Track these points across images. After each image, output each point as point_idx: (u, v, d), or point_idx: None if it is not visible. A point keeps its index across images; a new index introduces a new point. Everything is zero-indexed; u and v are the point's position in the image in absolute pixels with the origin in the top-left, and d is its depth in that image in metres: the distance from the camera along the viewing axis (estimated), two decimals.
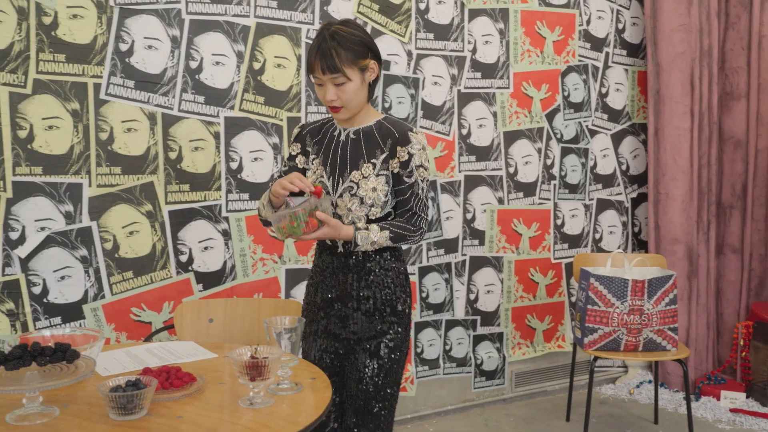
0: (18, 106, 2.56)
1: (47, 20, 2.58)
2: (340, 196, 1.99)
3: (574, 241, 3.78)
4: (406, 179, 1.97)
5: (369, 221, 1.98)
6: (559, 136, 3.68)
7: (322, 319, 2.07)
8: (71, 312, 2.70)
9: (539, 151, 3.63)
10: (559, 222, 3.73)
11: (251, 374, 1.54)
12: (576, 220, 3.78)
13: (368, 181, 1.97)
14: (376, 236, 1.93)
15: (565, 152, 3.71)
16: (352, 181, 1.98)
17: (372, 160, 1.99)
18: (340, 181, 2.00)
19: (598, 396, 3.78)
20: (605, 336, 2.94)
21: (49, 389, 1.50)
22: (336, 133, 2.07)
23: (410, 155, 1.96)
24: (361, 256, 1.99)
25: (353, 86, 1.94)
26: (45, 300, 2.65)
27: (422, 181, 1.99)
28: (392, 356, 2.01)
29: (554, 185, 3.69)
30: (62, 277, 2.67)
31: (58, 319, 2.67)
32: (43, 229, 2.62)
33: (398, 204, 2.01)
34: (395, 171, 1.97)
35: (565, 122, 3.69)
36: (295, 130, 2.14)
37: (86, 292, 2.71)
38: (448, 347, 3.51)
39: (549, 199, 3.69)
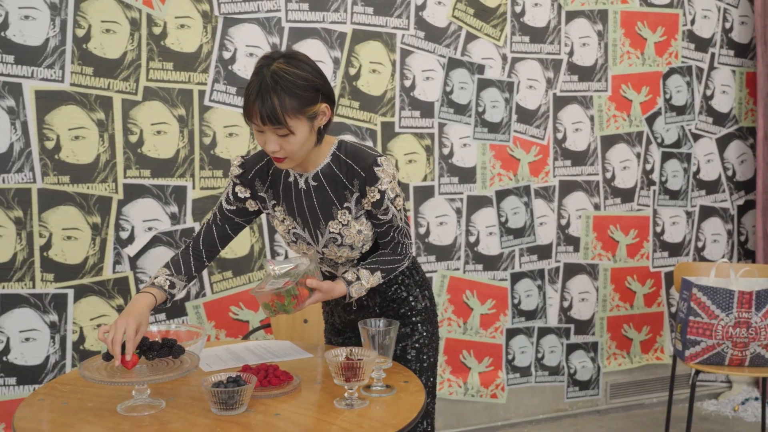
0: (129, 112, 2.71)
1: (157, 30, 2.71)
2: (325, 246, 1.84)
3: (675, 249, 3.64)
4: (382, 217, 1.80)
5: (362, 254, 1.87)
6: (659, 140, 3.55)
7: (348, 333, 2.02)
8: (175, 309, 2.82)
9: (638, 155, 3.52)
10: (658, 229, 3.60)
11: (346, 375, 1.57)
12: (677, 227, 3.64)
13: (350, 228, 1.80)
14: (368, 282, 1.80)
15: (665, 157, 3.58)
16: (333, 232, 1.81)
17: (345, 205, 1.79)
18: (318, 234, 1.84)
19: (700, 412, 3.62)
20: (708, 349, 2.82)
21: (156, 383, 1.58)
22: (291, 180, 1.82)
23: (382, 193, 1.76)
24: None
25: (299, 139, 1.66)
26: None
27: (399, 211, 1.82)
28: (420, 356, 1.91)
29: (654, 191, 3.57)
30: None
31: (162, 315, 2.80)
32: (150, 229, 2.76)
33: (378, 235, 1.86)
34: (368, 208, 1.80)
35: (666, 126, 3.56)
36: (236, 170, 1.87)
37: (189, 290, 2.83)
38: (540, 355, 3.45)
39: (648, 206, 3.57)
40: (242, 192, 1.88)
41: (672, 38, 3.52)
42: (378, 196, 1.76)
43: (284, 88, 1.62)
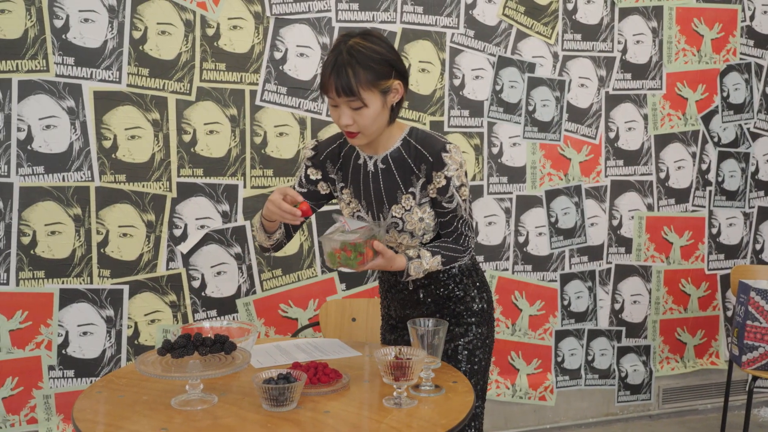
0: (183, 113, 2.76)
1: (210, 32, 2.76)
2: (386, 231, 1.87)
3: (732, 251, 3.54)
4: (447, 205, 1.81)
5: (422, 245, 1.88)
6: (716, 139, 3.46)
7: (401, 332, 2.02)
8: (225, 305, 2.87)
9: (693, 155, 3.43)
10: (714, 231, 3.51)
11: (395, 374, 1.57)
12: (734, 229, 3.54)
13: (412, 214, 1.83)
14: (428, 263, 1.81)
15: (722, 156, 3.48)
16: (395, 216, 1.85)
17: (410, 190, 1.83)
18: (381, 217, 1.87)
19: (757, 419, 3.52)
20: (766, 354, 2.74)
21: (208, 378, 1.61)
22: (361, 162, 1.87)
23: (447, 179, 1.78)
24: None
25: (372, 112, 1.72)
26: (203, 294, 2.84)
27: (464, 201, 1.83)
28: (472, 358, 1.90)
29: (710, 192, 3.48)
30: (218, 273, 2.85)
31: (213, 312, 2.85)
32: (202, 227, 2.81)
33: (441, 225, 1.87)
34: (433, 196, 1.82)
35: (723, 125, 3.46)
36: (308, 152, 1.95)
37: (239, 287, 2.88)
38: (590, 358, 3.39)
39: (704, 207, 3.48)
40: (314, 174, 1.94)
41: (730, 34, 3.42)
42: (444, 182, 1.79)
43: (359, 61, 1.69)
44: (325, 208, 2.08)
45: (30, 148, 2.63)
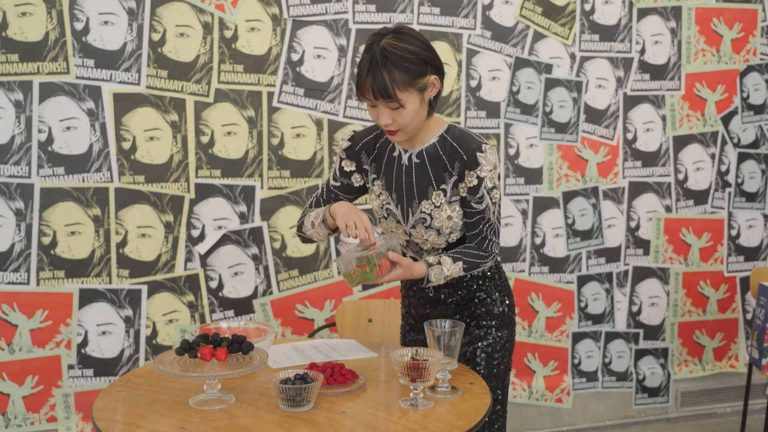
0: (201, 114, 2.78)
1: (228, 33, 2.78)
2: (413, 227, 1.87)
3: (751, 253, 3.50)
4: (476, 205, 1.80)
5: (448, 244, 1.87)
6: (735, 140, 3.43)
7: (420, 332, 2.02)
8: (243, 306, 2.89)
9: (713, 156, 3.40)
10: (733, 233, 3.47)
11: (412, 375, 1.58)
12: (754, 231, 3.50)
13: (441, 211, 1.82)
14: (449, 270, 1.79)
15: (742, 158, 3.45)
16: (424, 212, 1.84)
17: (442, 186, 1.82)
18: (410, 212, 1.86)
19: None
20: None
21: (226, 378, 1.62)
22: (396, 155, 1.87)
23: (480, 179, 1.77)
24: None
25: (410, 111, 1.72)
26: (220, 294, 2.86)
27: (494, 204, 1.81)
28: (491, 362, 1.90)
29: (729, 193, 3.45)
30: (235, 273, 2.87)
31: (231, 312, 2.87)
32: (220, 227, 2.83)
33: (467, 226, 1.84)
34: (463, 195, 1.81)
35: (743, 125, 3.43)
36: (345, 143, 1.94)
37: (256, 288, 2.89)
38: (607, 360, 3.37)
39: (723, 208, 3.45)
40: (348, 166, 1.94)
41: (750, 34, 3.39)
42: (475, 182, 1.78)
43: (394, 62, 1.68)
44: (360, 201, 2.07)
45: (50, 149, 2.66)
